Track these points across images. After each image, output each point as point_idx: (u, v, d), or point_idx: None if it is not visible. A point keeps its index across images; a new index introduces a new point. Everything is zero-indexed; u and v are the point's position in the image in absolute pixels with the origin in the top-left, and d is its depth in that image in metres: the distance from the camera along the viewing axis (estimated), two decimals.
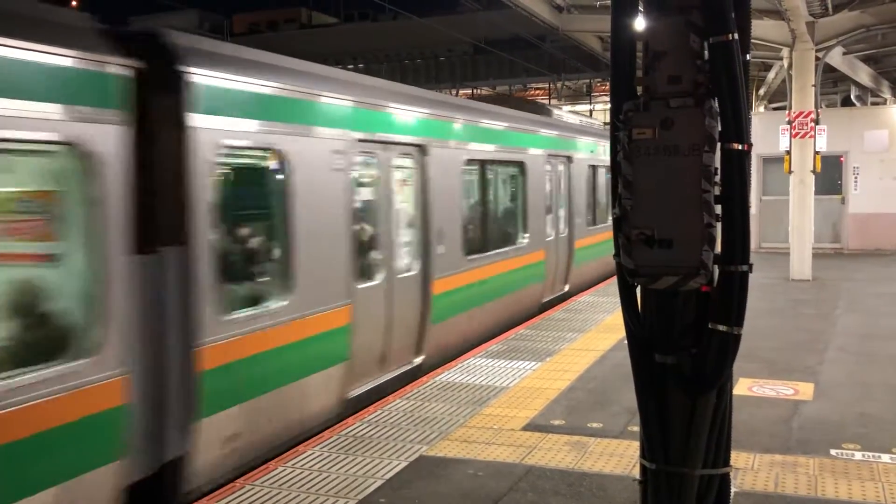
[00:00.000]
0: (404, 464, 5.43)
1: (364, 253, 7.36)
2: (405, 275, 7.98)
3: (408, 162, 8.22)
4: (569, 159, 13.37)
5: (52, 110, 4.23)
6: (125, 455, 4.65)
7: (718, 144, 2.87)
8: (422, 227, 8.31)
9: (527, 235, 11.29)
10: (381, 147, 7.58)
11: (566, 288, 13.17)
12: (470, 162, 9.60)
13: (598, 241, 14.66)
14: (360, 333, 7.00)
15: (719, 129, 2.87)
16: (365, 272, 7.30)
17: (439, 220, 8.53)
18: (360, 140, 7.12)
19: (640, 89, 3.04)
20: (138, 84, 4.79)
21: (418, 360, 8.21)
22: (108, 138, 4.56)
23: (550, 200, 12.43)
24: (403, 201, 8.21)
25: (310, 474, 5.26)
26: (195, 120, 5.19)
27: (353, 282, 6.95)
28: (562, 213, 13.06)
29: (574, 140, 13.78)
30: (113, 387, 4.56)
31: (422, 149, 8.31)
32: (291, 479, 5.19)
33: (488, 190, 10.63)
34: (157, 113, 5.00)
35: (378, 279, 7.47)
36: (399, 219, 8.04)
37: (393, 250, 7.77)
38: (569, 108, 32.28)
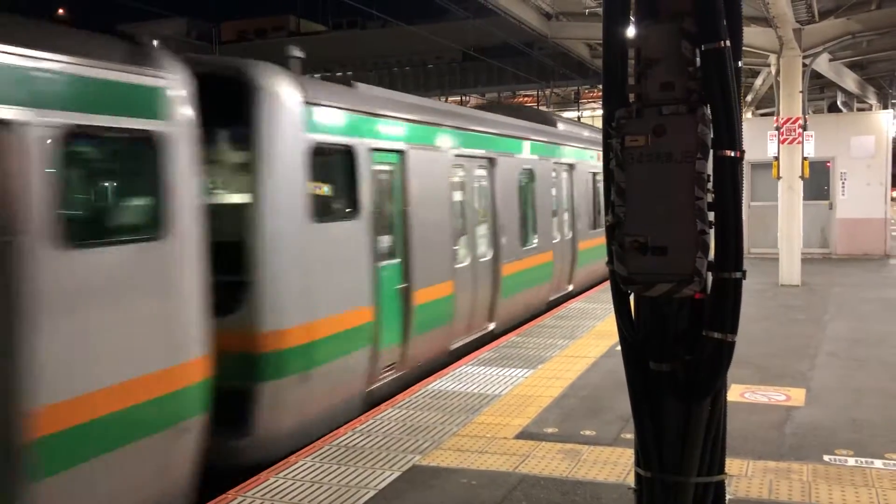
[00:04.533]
0: (397, 474, 5.40)
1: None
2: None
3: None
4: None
5: None
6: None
7: (711, 151, 2.87)
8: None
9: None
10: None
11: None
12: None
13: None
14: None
15: (712, 136, 2.86)
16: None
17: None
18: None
19: (632, 96, 3.04)
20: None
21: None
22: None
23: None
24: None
25: (302, 485, 5.22)
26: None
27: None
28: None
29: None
30: None
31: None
32: (284, 489, 5.15)
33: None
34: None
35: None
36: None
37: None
38: (570, 114, 32.40)
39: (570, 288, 13.74)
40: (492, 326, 10.23)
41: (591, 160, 14.97)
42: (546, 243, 12.34)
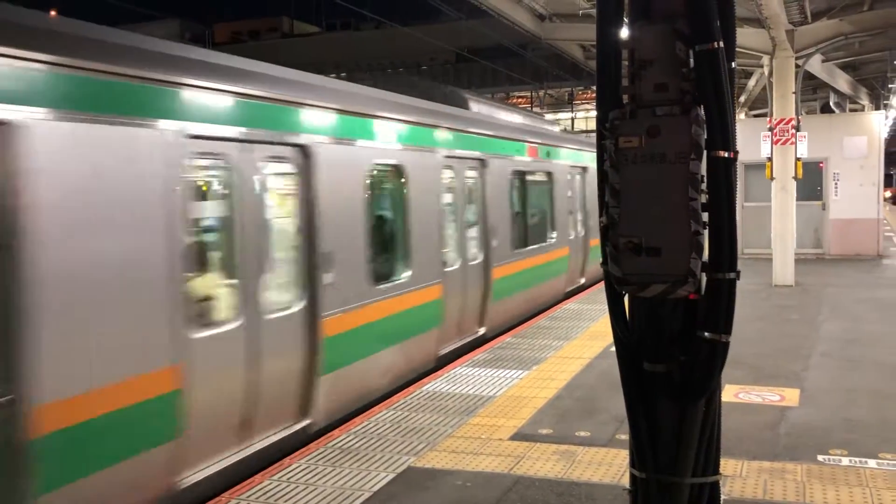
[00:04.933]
0: (392, 475, 5.39)
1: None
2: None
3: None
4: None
5: None
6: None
7: (705, 152, 2.87)
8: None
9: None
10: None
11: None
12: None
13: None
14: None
15: (705, 136, 2.87)
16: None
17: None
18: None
19: (626, 98, 3.03)
20: None
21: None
22: None
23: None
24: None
25: (296, 487, 5.21)
26: None
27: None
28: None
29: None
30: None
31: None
32: (278, 492, 5.13)
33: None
34: None
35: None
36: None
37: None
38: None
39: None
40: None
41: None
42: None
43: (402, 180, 8.27)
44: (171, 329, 4.95)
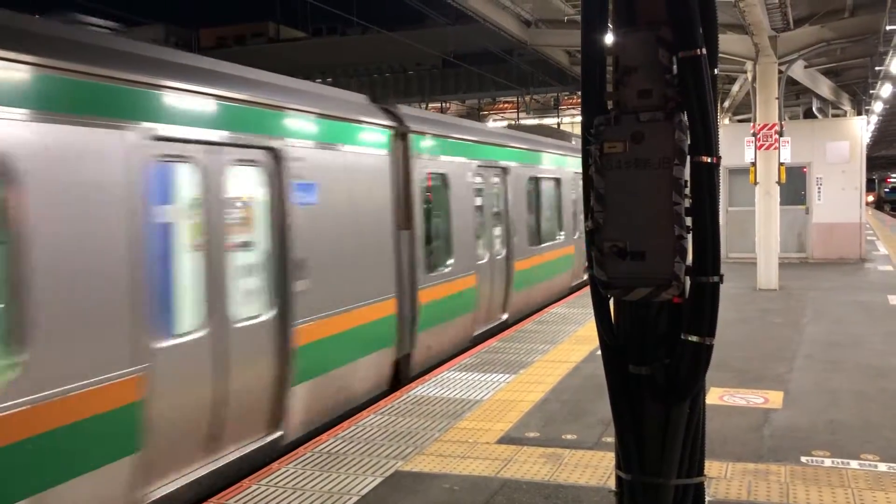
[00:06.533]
0: (379, 479, 5.40)
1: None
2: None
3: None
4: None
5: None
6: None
7: (688, 157, 2.91)
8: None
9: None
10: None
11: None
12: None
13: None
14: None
15: (689, 142, 2.91)
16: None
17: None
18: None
19: (610, 103, 3.07)
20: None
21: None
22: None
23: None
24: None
25: (284, 492, 5.21)
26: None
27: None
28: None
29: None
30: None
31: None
32: (266, 497, 5.13)
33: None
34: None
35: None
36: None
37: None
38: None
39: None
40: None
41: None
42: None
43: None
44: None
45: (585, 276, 14.83)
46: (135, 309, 4.80)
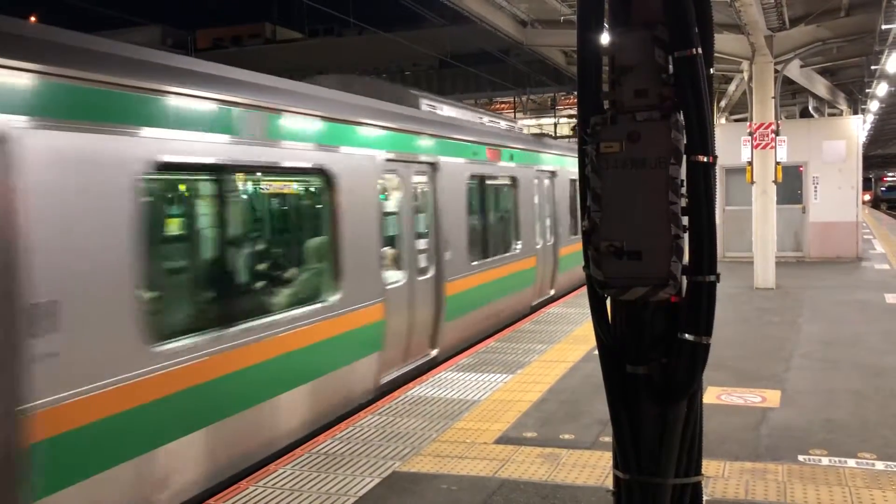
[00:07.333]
0: (377, 480, 5.40)
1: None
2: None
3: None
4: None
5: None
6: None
7: (684, 157, 2.91)
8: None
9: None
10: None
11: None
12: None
13: None
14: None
15: (685, 141, 2.91)
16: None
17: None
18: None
19: (606, 103, 3.07)
20: None
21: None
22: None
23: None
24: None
25: (282, 493, 5.20)
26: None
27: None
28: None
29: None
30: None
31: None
32: (264, 498, 5.13)
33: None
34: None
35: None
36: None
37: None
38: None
39: None
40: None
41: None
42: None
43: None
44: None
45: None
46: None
